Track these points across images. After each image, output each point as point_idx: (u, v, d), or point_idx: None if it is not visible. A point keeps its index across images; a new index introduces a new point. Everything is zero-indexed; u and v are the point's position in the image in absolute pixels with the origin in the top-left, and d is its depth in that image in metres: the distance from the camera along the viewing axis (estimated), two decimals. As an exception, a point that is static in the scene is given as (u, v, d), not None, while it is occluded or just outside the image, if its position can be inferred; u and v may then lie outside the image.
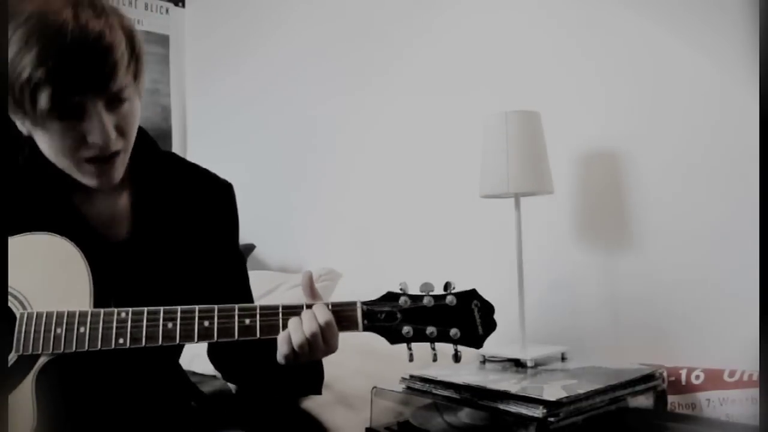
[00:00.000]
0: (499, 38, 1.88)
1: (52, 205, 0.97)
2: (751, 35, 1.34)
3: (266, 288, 2.08)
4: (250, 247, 2.52)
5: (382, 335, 0.96)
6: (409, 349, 0.97)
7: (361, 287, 2.18)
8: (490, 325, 0.98)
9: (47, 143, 0.90)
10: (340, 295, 2.10)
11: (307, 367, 1.01)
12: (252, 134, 2.77)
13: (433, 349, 0.97)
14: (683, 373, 1.43)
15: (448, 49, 2.02)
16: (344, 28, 2.36)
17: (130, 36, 0.90)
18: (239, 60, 2.84)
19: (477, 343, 0.97)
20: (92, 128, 0.88)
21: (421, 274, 2.17)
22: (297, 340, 0.91)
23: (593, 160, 1.69)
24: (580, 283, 1.70)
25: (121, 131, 0.91)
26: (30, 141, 0.98)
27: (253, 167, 2.69)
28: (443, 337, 0.96)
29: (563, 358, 1.51)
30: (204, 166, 1.16)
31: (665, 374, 1.42)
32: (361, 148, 2.29)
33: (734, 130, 1.45)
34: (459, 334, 0.96)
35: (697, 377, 1.41)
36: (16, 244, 0.91)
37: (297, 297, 2.05)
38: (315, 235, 2.46)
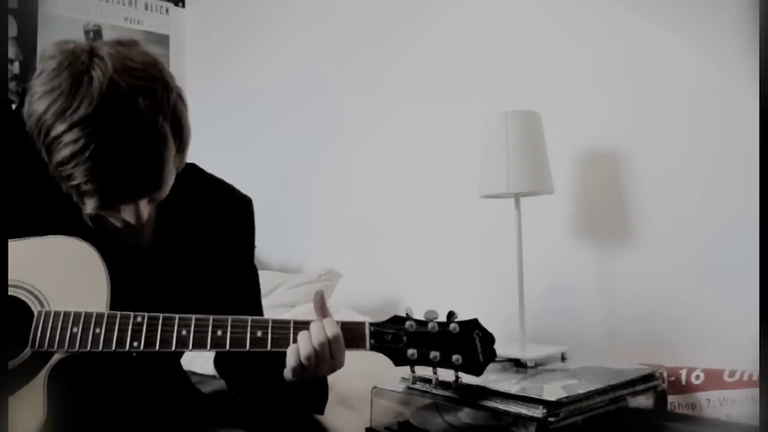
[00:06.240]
0: (499, 38, 1.88)
1: (74, 207, 0.97)
2: (751, 35, 1.34)
3: (266, 288, 2.07)
4: (250, 247, 2.52)
5: (387, 356, 0.99)
6: (413, 371, 1.00)
7: (361, 287, 2.19)
8: (491, 354, 1.01)
9: None
10: (339, 295, 2.10)
11: (312, 385, 1.03)
12: (252, 134, 2.77)
13: (435, 373, 1.00)
14: (683, 373, 1.43)
15: (448, 49, 2.01)
16: (344, 29, 2.36)
17: (178, 122, 0.89)
18: (239, 60, 2.84)
19: (477, 370, 1.00)
20: (127, 213, 0.90)
21: (421, 273, 2.17)
22: (305, 351, 0.93)
23: (593, 160, 1.69)
24: (580, 283, 1.70)
25: (154, 199, 0.93)
26: None
27: (253, 167, 2.69)
28: (445, 363, 1.00)
29: (563, 358, 1.51)
30: (204, 166, 1.17)
31: (665, 374, 1.42)
32: (362, 149, 2.29)
33: (734, 130, 1.45)
34: (461, 360, 0.99)
35: (697, 377, 1.41)
36: (39, 244, 0.94)
37: (297, 297, 2.06)
38: (315, 235, 2.46)
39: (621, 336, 1.62)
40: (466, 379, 1.33)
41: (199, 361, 1.56)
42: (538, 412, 1.16)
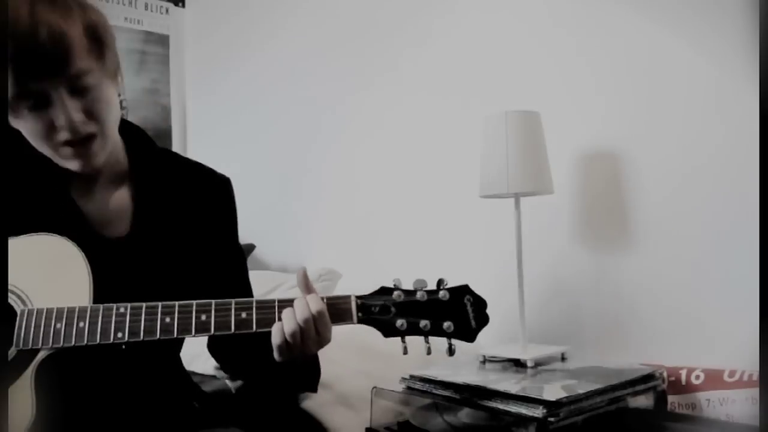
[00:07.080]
0: (499, 38, 1.88)
1: (51, 202, 0.99)
2: (751, 35, 1.34)
3: (266, 288, 2.08)
4: (250, 247, 2.52)
5: (376, 328, 0.97)
6: (403, 342, 0.97)
7: (361, 288, 2.17)
8: (483, 319, 0.99)
9: (27, 132, 0.93)
10: (340, 295, 2.10)
11: (304, 364, 1.02)
12: (252, 134, 2.78)
13: (427, 342, 0.98)
14: (683, 373, 1.43)
15: (448, 49, 2.02)
16: (345, 28, 2.36)
17: (91, 23, 0.92)
18: (239, 60, 2.84)
19: (469, 336, 0.98)
20: (57, 114, 0.90)
21: (421, 274, 2.16)
22: (289, 328, 0.92)
23: (593, 160, 1.69)
24: (580, 283, 1.70)
25: (91, 115, 0.93)
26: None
27: (253, 167, 2.69)
28: (436, 331, 0.97)
29: (563, 358, 1.51)
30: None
31: (665, 374, 1.42)
32: (362, 149, 2.29)
33: (734, 130, 1.45)
34: (452, 328, 0.97)
35: (697, 377, 1.41)
36: (19, 243, 0.93)
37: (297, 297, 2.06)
38: (315, 235, 2.46)
39: (621, 336, 1.62)
40: (467, 377, 1.34)
41: (198, 361, 1.56)
42: (538, 412, 1.16)
